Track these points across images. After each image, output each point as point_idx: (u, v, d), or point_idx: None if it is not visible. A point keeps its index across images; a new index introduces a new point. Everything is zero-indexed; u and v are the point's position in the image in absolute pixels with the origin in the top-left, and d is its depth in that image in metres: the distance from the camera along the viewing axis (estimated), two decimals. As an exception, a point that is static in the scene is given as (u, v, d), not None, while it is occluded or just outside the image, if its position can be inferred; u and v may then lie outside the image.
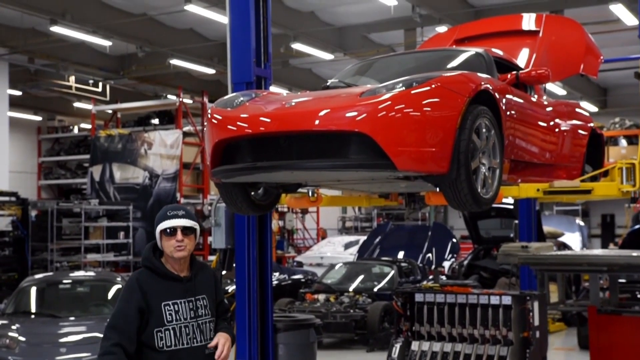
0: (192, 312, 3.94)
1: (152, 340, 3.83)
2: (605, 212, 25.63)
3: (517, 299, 6.57)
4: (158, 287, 3.90)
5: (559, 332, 13.93)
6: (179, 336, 3.87)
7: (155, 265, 3.95)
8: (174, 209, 4.04)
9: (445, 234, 16.50)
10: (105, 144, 19.88)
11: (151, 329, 3.83)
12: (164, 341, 3.84)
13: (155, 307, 3.86)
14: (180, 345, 3.87)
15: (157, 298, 3.87)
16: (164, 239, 3.93)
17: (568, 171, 6.78)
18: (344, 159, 4.69)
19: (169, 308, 3.88)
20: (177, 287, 3.95)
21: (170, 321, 3.87)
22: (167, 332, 3.85)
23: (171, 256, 3.93)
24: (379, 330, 11.62)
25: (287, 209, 24.38)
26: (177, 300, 3.90)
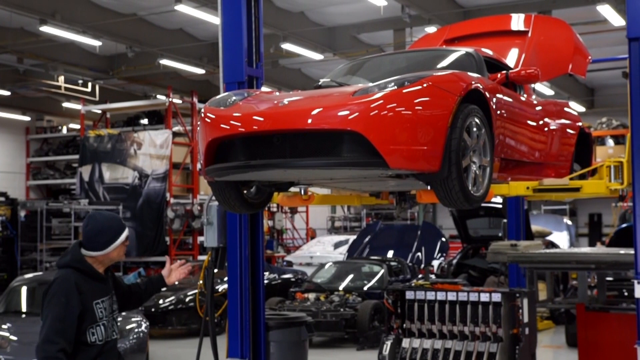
0: (110, 308, 4.33)
1: (84, 337, 4.13)
2: (593, 211, 25.81)
3: (506, 296, 6.64)
4: (90, 287, 4.21)
5: (547, 330, 14.02)
6: (106, 330, 4.25)
7: (87, 267, 4.25)
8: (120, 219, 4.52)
9: (435, 233, 16.58)
10: (95, 144, 19.84)
11: (85, 326, 4.13)
12: (96, 336, 4.18)
13: (89, 306, 4.16)
14: (107, 339, 4.25)
15: (90, 297, 4.18)
16: (121, 246, 4.35)
17: (557, 170, 6.86)
18: (337, 157, 4.74)
19: (99, 306, 4.23)
20: (101, 286, 4.31)
21: (101, 318, 4.22)
22: (98, 328, 4.19)
23: (117, 260, 4.41)
24: (369, 328, 11.68)
25: (276, 208, 24.41)
26: (103, 298, 4.28)
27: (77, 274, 4.18)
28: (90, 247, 4.27)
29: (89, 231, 4.31)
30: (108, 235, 4.31)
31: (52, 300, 4.09)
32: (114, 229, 4.34)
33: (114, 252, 4.32)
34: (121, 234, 4.35)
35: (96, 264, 4.28)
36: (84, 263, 4.22)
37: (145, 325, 9.07)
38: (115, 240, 4.32)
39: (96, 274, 4.26)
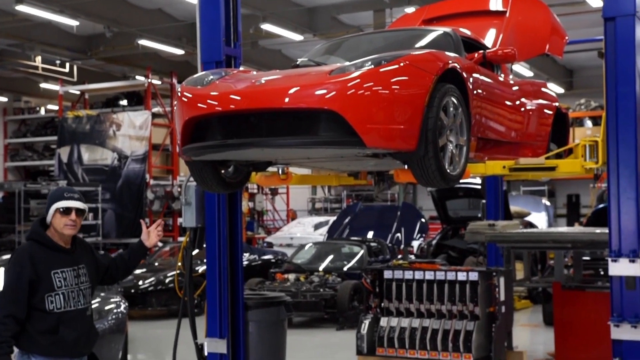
0: (76, 279, 4.47)
1: (42, 304, 4.32)
2: (571, 192, 26.00)
3: (483, 275, 6.70)
4: (47, 258, 4.39)
5: (525, 309, 14.18)
6: (67, 299, 4.40)
7: (44, 238, 4.45)
8: (70, 191, 4.55)
9: (414, 214, 16.66)
10: (73, 125, 19.70)
11: (42, 294, 4.32)
12: (54, 304, 4.35)
13: (45, 275, 4.35)
14: (68, 308, 4.40)
15: (46, 267, 4.36)
16: (58, 216, 4.43)
17: (534, 149, 6.90)
18: (314, 137, 4.74)
19: (58, 276, 4.39)
20: (63, 257, 4.46)
21: (60, 287, 4.38)
22: (57, 296, 4.36)
23: (60, 232, 4.45)
24: (348, 308, 11.75)
25: (256, 190, 24.39)
26: (64, 268, 4.43)
27: (36, 245, 4.43)
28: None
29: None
30: (47, 205, 4.51)
31: (8, 270, 4.38)
32: (51, 198, 4.49)
33: (54, 222, 4.45)
34: (53, 204, 4.44)
35: (54, 236, 4.46)
36: (42, 235, 4.45)
37: (124, 306, 9.04)
38: (49, 209, 4.45)
39: (54, 245, 4.44)
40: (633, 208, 5.32)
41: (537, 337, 11.29)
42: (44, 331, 4.33)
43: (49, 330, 4.34)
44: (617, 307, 5.38)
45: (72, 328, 4.41)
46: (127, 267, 4.91)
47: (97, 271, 4.68)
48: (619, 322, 5.33)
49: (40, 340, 4.33)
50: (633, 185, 5.34)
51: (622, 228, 5.35)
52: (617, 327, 5.34)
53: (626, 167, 5.35)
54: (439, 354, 6.60)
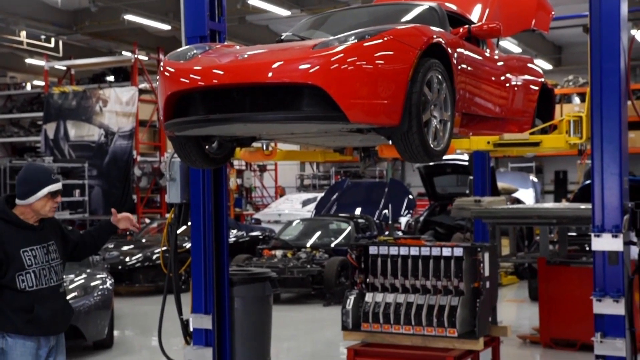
0: (47, 256, 4.40)
1: (13, 283, 4.26)
2: (559, 168, 26.08)
3: (468, 251, 6.70)
4: (15, 236, 4.31)
5: (511, 285, 14.27)
6: (39, 277, 4.34)
7: (11, 217, 4.35)
8: (54, 172, 4.50)
9: (402, 190, 16.68)
10: (59, 101, 19.55)
11: (12, 274, 4.25)
12: (26, 283, 4.29)
13: (15, 254, 4.27)
14: (41, 285, 4.34)
15: (15, 246, 4.28)
16: (46, 200, 4.37)
17: (519, 125, 6.89)
18: (297, 112, 4.70)
19: (28, 254, 4.32)
20: (32, 235, 4.38)
21: (30, 265, 4.31)
22: (27, 275, 4.30)
23: (43, 214, 4.38)
24: (335, 284, 11.79)
25: (244, 166, 24.34)
26: (33, 246, 4.36)
27: (2, 224, 4.32)
28: (18, 195, 4.39)
29: (17, 180, 4.44)
30: (29, 186, 4.36)
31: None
32: (38, 181, 4.37)
33: (37, 204, 4.36)
34: (43, 188, 4.35)
35: (25, 214, 4.36)
36: (7, 213, 4.35)
37: (110, 282, 9.05)
38: (36, 192, 4.35)
39: (22, 223, 4.35)
40: (616, 183, 5.33)
41: (522, 312, 11.38)
42: (18, 310, 4.28)
43: (23, 308, 4.28)
44: (599, 281, 5.40)
45: (46, 306, 4.36)
46: (95, 244, 4.87)
47: (65, 247, 4.62)
48: (601, 296, 5.36)
49: (14, 319, 4.27)
50: (617, 161, 5.35)
51: (605, 203, 5.36)
52: (599, 302, 5.37)
53: (610, 142, 5.35)
54: (423, 329, 6.61)
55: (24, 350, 4.28)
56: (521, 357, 8.34)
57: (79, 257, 4.85)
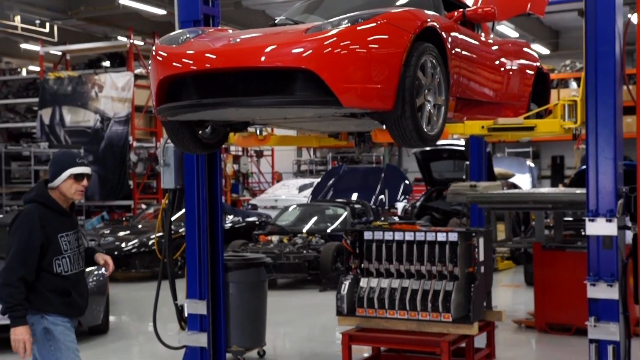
0: (76, 242, 4.52)
1: (50, 267, 4.33)
2: (555, 153, 26.05)
3: (463, 236, 6.69)
4: (54, 221, 4.39)
5: (508, 270, 14.29)
6: (72, 262, 4.44)
7: (51, 202, 4.42)
8: (81, 156, 4.55)
9: (398, 175, 16.67)
10: (55, 86, 19.48)
11: (50, 258, 4.33)
12: (62, 267, 4.38)
13: (53, 239, 4.35)
14: (73, 270, 4.44)
15: (54, 231, 4.36)
16: (70, 182, 4.41)
17: (515, 109, 6.86)
18: (290, 96, 4.67)
19: (64, 239, 4.41)
20: (66, 221, 4.49)
21: (66, 250, 4.41)
22: (63, 259, 4.39)
23: (70, 197, 4.46)
24: (331, 270, 11.78)
25: (241, 152, 24.32)
26: (68, 232, 4.46)
27: (41, 208, 4.36)
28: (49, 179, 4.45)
29: (49, 164, 4.55)
30: (55, 168, 4.44)
31: (16, 232, 4.31)
32: (61, 163, 4.44)
33: (63, 187, 4.41)
34: (65, 170, 4.40)
35: (59, 199, 4.42)
36: (48, 198, 4.40)
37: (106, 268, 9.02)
38: (60, 174, 4.40)
39: (60, 209, 4.42)
40: (611, 168, 5.32)
41: (518, 297, 11.39)
42: (56, 292, 4.36)
43: (60, 291, 4.37)
44: (593, 266, 5.40)
45: (78, 290, 4.49)
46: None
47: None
48: (595, 281, 5.37)
49: (53, 300, 4.36)
50: (611, 145, 5.33)
51: (600, 188, 5.36)
52: (593, 286, 5.38)
53: (604, 126, 5.34)
54: (418, 314, 6.61)
55: (64, 325, 4.41)
56: (516, 342, 8.35)
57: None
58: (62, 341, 4.37)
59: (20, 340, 4.22)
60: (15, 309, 4.22)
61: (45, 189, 4.44)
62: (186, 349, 7.01)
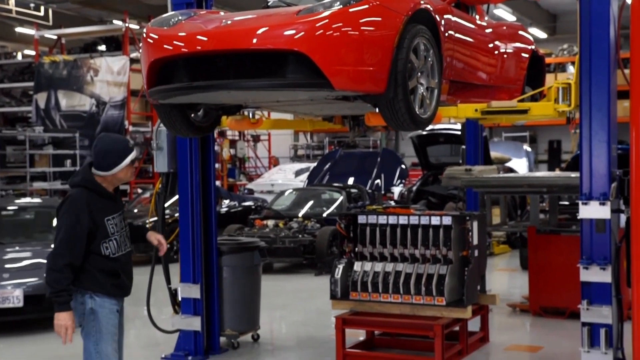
0: (121, 224, 4.58)
1: (99, 249, 4.41)
2: (553, 138, 26.00)
3: (457, 219, 6.68)
4: (100, 205, 4.45)
5: (504, 254, 14.29)
6: (119, 245, 4.51)
7: (97, 186, 4.47)
8: (129, 140, 4.68)
9: (394, 160, 16.63)
10: (50, 70, 19.38)
11: (98, 241, 4.40)
12: (110, 250, 4.45)
13: (101, 223, 4.41)
14: (121, 252, 4.52)
15: (101, 214, 4.42)
16: (128, 167, 4.53)
17: (509, 93, 6.83)
18: (281, 79, 4.65)
19: (110, 222, 4.47)
20: (111, 204, 4.55)
21: (113, 233, 4.47)
22: (111, 242, 4.46)
23: (125, 181, 4.63)
24: (327, 254, 11.77)
25: (238, 136, 24.26)
26: (114, 215, 4.52)
27: (88, 192, 4.43)
28: (97, 167, 4.49)
29: (97, 152, 4.52)
30: (114, 157, 4.48)
31: (63, 217, 4.38)
32: (120, 151, 4.50)
33: (120, 173, 4.51)
34: (126, 157, 4.50)
35: (105, 183, 4.50)
36: (94, 182, 4.47)
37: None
38: (121, 162, 4.49)
39: (106, 193, 4.50)
40: (604, 151, 5.30)
41: (514, 281, 11.40)
42: (105, 273, 4.44)
43: (109, 273, 4.46)
44: (586, 249, 5.40)
45: (126, 272, 4.58)
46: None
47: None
48: (588, 264, 5.36)
49: (102, 281, 4.44)
50: (605, 128, 5.31)
51: (593, 171, 5.34)
52: (586, 270, 5.37)
53: (598, 109, 5.31)
54: (411, 297, 6.60)
55: (110, 308, 4.48)
56: (510, 326, 8.36)
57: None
58: (104, 324, 4.46)
59: (63, 326, 4.30)
60: (59, 295, 4.27)
61: (90, 173, 4.48)
62: (180, 333, 7.01)
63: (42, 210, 10.18)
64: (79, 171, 4.58)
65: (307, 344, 7.78)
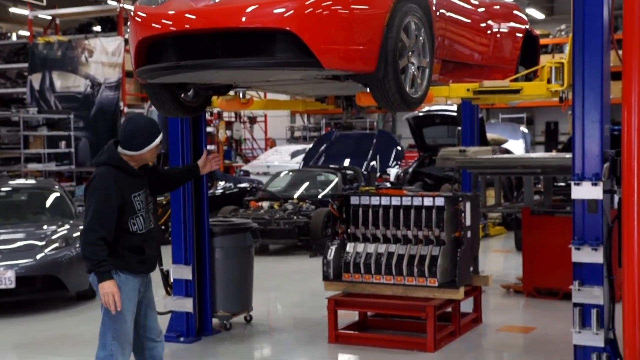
0: (146, 200, 4.69)
1: (126, 226, 4.51)
2: (550, 119, 25.96)
3: (449, 200, 6.65)
4: (127, 182, 4.56)
5: (499, 235, 14.28)
6: (145, 221, 4.62)
7: (124, 164, 4.58)
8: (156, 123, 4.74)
9: (390, 141, 16.58)
10: (44, 51, 19.25)
11: (126, 218, 4.51)
12: (137, 226, 4.56)
13: (128, 199, 4.53)
14: (147, 228, 4.63)
15: (128, 191, 4.54)
16: (154, 148, 4.65)
17: (503, 72, 6.77)
18: (270, 58, 4.61)
19: (137, 199, 4.59)
20: (137, 181, 4.65)
21: (140, 209, 4.59)
22: (137, 219, 4.57)
23: (149, 160, 4.73)
24: (322, 236, 11.74)
25: (234, 118, 24.19)
26: (139, 191, 4.62)
27: (114, 170, 4.53)
28: (126, 146, 4.58)
29: (127, 132, 4.61)
30: (143, 138, 4.58)
31: (93, 194, 4.49)
32: (149, 132, 4.59)
33: (147, 154, 4.63)
34: (155, 138, 4.60)
35: (131, 162, 4.59)
36: (121, 160, 4.56)
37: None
38: (150, 143, 4.59)
39: (132, 170, 4.59)
40: (597, 131, 5.25)
41: (508, 262, 11.38)
42: (132, 250, 4.54)
43: (135, 250, 4.55)
44: (578, 230, 5.36)
45: (152, 247, 4.69)
46: (177, 181, 5.21)
47: (152, 187, 4.85)
48: (580, 245, 5.33)
49: (128, 258, 4.53)
50: (598, 108, 5.26)
51: (586, 151, 5.29)
52: (578, 250, 5.34)
53: (591, 89, 5.26)
54: (404, 278, 6.59)
55: (133, 285, 4.58)
56: (504, 306, 8.36)
57: (160, 192, 5.19)
58: (125, 302, 4.50)
59: (109, 294, 4.37)
60: (100, 265, 4.37)
61: (116, 151, 4.57)
62: (172, 314, 7.00)
63: (35, 191, 10.14)
64: (104, 150, 4.65)
65: (301, 325, 7.77)
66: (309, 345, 6.86)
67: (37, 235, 8.59)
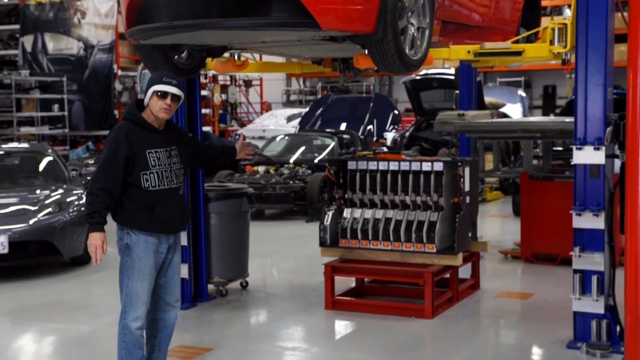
0: (169, 160, 4.58)
1: (138, 182, 4.47)
2: (548, 83, 25.76)
3: (448, 165, 6.54)
4: (142, 138, 4.50)
5: (496, 200, 14.23)
6: (161, 178, 4.53)
7: (139, 119, 4.54)
8: (169, 76, 4.57)
9: (387, 105, 16.44)
10: (36, 12, 18.96)
11: (138, 172, 4.46)
12: (150, 182, 4.49)
13: (141, 154, 4.46)
14: (162, 186, 4.53)
15: (141, 146, 4.48)
16: (155, 99, 4.49)
17: (504, 34, 6.63)
18: (266, 18, 4.47)
19: (152, 155, 4.50)
20: (157, 138, 4.56)
21: (154, 166, 4.50)
22: (151, 175, 4.50)
23: (156, 114, 4.52)
24: (318, 201, 11.67)
25: (229, 81, 23.95)
26: (158, 149, 4.54)
27: (131, 125, 4.52)
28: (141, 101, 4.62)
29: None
30: (146, 88, 4.56)
31: (106, 146, 4.55)
32: (150, 82, 4.53)
33: (150, 104, 4.51)
34: (151, 87, 4.50)
35: (150, 118, 4.53)
36: (137, 115, 4.54)
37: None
38: (147, 91, 4.53)
39: (148, 126, 4.52)
40: (600, 95, 5.14)
41: (506, 227, 11.34)
42: (141, 207, 4.48)
43: (145, 207, 4.49)
44: (579, 195, 5.28)
45: (166, 206, 4.54)
46: (212, 160, 5.08)
47: (187, 153, 4.77)
48: (581, 210, 5.25)
49: (137, 216, 4.49)
50: (601, 71, 5.14)
51: (589, 115, 5.19)
52: (579, 216, 5.26)
53: (595, 51, 5.13)
54: (401, 244, 6.51)
55: (146, 245, 4.51)
56: (501, 272, 8.31)
57: (197, 166, 5.27)
58: (136, 262, 4.50)
59: (93, 245, 4.40)
60: (92, 216, 4.39)
61: (135, 107, 4.58)
62: (167, 280, 6.91)
63: (28, 155, 10.00)
64: (127, 106, 4.65)
65: (297, 291, 7.72)
66: (305, 311, 6.80)
67: (30, 200, 8.49)
